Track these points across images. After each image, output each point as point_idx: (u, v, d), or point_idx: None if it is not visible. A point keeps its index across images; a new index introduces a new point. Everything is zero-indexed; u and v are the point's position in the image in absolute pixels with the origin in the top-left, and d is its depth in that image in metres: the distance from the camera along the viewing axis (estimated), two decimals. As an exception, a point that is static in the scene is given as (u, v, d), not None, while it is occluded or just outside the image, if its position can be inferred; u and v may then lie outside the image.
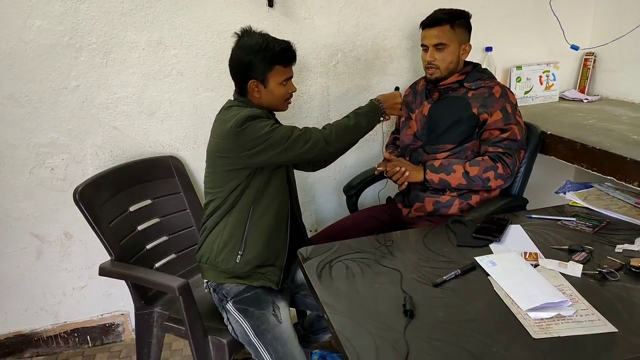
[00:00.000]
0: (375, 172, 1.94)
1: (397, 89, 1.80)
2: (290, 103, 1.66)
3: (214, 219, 1.60)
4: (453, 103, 1.84)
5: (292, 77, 1.61)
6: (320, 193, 2.36)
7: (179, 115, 2.07)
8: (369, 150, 2.35)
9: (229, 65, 1.60)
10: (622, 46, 2.26)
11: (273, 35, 1.57)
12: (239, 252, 1.57)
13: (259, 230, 1.58)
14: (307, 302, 1.72)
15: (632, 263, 1.31)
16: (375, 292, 1.29)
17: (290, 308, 1.72)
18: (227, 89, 2.07)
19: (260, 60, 1.52)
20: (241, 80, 1.57)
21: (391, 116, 1.76)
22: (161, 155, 2.07)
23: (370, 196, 2.32)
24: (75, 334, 2.26)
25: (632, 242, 1.44)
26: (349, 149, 1.66)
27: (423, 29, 1.84)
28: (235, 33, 1.58)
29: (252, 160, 1.51)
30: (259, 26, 1.95)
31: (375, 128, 1.73)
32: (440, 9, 1.84)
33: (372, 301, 1.25)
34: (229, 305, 1.58)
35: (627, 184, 1.63)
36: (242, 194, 1.56)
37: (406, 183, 1.84)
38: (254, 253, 1.57)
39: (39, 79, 1.88)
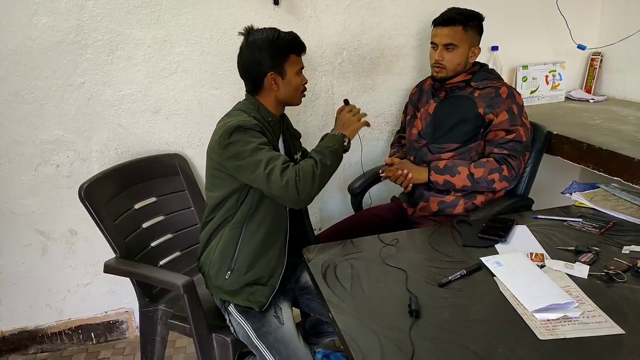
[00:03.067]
0: (382, 179, 1.94)
1: (346, 102, 1.68)
2: (304, 96, 1.63)
3: (208, 232, 1.58)
4: (459, 102, 1.84)
5: (303, 67, 1.59)
6: (325, 192, 2.36)
7: (184, 113, 2.07)
8: (373, 149, 2.35)
9: (239, 65, 1.57)
10: (629, 46, 2.24)
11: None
12: (229, 270, 1.53)
13: (250, 248, 1.53)
14: (311, 306, 1.71)
15: (639, 264, 1.31)
16: (380, 291, 1.29)
17: (294, 308, 1.72)
18: (232, 87, 2.07)
19: (274, 51, 1.50)
20: (256, 77, 1.53)
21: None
22: (166, 153, 2.07)
23: (375, 195, 2.32)
24: (80, 331, 2.27)
25: (639, 244, 1.43)
26: (317, 194, 1.48)
27: (435, 26, 1.83)
28: (240, 33, 1.56)
29: (237, 175, 1.46)
30: (264, 24, 1.94)
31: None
32: (454, 8, 1.82)
33: (377, 301, 1.25)
34: (231, 307, 1.57)
35: (634, 185, 1.62)
36: (238, 209, 1.51)
37: (411, 185, 1.84)
38: (244, 272, 1.53)
39: (44, 76, 1.89)
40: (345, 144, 1.53)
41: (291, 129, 1.77)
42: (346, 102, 1.68)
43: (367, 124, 1.62)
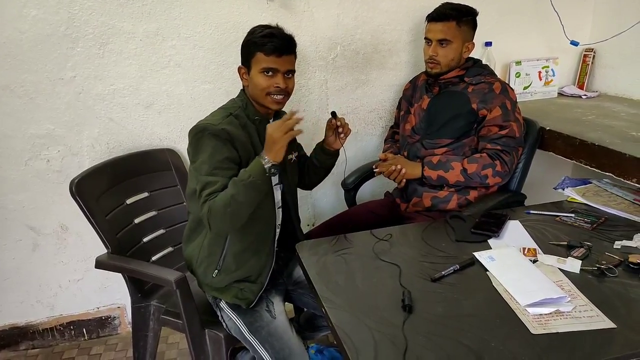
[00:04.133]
0: (375, 174, 1.94)
1: (333, 114, 1.61)
2: (278, 102, 1.48)
3: (190, 228, 1.56)
4: (452, 98, 1.84)
5: (281, 70, 1.45)
6: (318, 187, 2.33)
7: (176, 108, 2.05)
8: (367, 144, 2.35)
9: None
10: (621, 42, 2.25)
11: (281, 27, 1.50)
12: (216, 269, 1.52)
13: (238, 248, 1.51)
14: (304, 300, 1.70)
15: (630, 259, 1.32)
16: (373, 286, 1.29)
17: (288, 303, 1.71)
18: (225, 82, 2.05)
19: (245, 45, 1.50)
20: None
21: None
22: (158, 147, 2.05)
23: (369, 190, 2.32)
24: (71, 327, 2.25)
25: (631, 239, 1.44)
26: (239, 225, 1.42)
27: (429, 21, 1.83)
28: None
29: None
30: (257, 19, 1.93)
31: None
32: (448, 3, 1.82)
33: (370, 296, 1.25)
34: (222, 304, 1.56)
35: (625, 181, 1.63)
36: None
37: (404, 180, 1.84)
38: (232, 270, 1.51)
39: (34, 70, 1.86)
40: (267, 168, 1.36)
41: None
42: (333, 114, 1.61)
43: (296, 134, 1.38)
